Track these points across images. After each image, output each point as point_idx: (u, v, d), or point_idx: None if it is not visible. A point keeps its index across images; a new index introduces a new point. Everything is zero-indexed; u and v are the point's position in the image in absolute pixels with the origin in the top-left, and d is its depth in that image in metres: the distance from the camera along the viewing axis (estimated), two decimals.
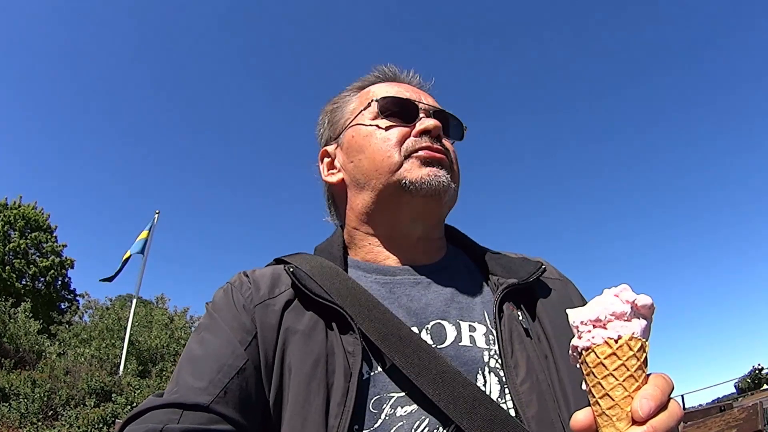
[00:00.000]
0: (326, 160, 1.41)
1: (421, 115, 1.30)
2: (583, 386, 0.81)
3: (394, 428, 1.01)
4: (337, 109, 1.42)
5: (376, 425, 1.01)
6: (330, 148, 1.40)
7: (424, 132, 1.26)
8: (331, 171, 1.39)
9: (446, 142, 1.31)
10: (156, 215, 18.82)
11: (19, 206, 32.84)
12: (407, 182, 1.22)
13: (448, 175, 1.25)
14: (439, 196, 1.23)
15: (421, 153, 1.24)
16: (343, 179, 1.35)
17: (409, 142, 1.25)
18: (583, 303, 1.28)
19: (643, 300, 0.78)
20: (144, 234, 18.28)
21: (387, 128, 1.28)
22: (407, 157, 1.24)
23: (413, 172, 1.22)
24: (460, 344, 1.12)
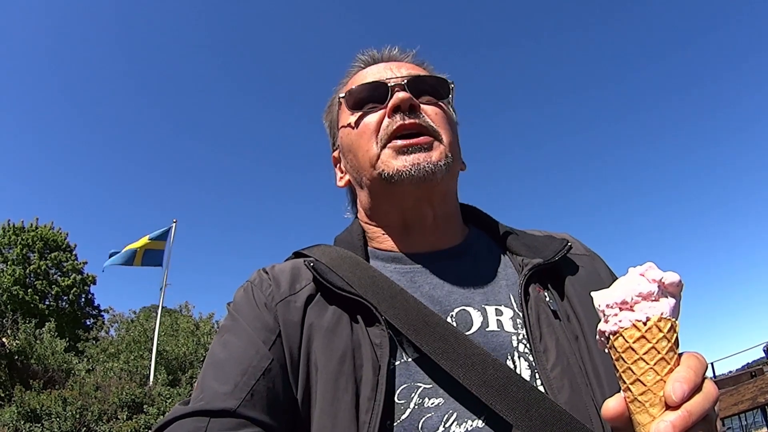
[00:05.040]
0: (338, 165, 1.41)
1: (395, 90, 1.24)
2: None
3: (424, 419, 0.99)
4: (329, 112, 1.43)
5: (404, 416, 1.00)
6: (336, 153, 1.41)
7: (395, 109, 1.21)
8: (340, 175, 1.40)
9: (429, 107, 1.26)
10: (174, 224, 18.86)
11: (36, 228, 33.12)
12: (386, 174, 1.19)
13: (431, 155, 1.19)
14: (427, 180, 1.19)
15: (395, 142, 1.20)
16: (348, 181, 1.35)
17: (383, 129, 1.22)
18: (612, 277, 1.26)
19: (671, 278, 0.75)
20: (144, 240, 18.21)
21: (360, 121, 1.26)
22: (384, 146, 1.21)
23: (389, 164, 1.19)
24: (487, 329, 1.10)
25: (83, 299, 33.92)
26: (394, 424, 0.99)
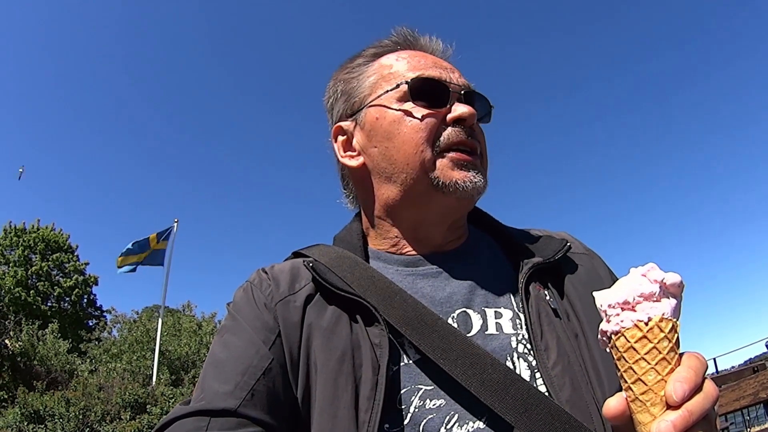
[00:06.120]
0: (341, 138, 1.31)
1: (453, 98, 1.21)
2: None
3: (425, 421, 0.99)
4: (353, 79, 1.31)
5: (406, 420, 1.00)
6: (346, 125, 1.30)
7: (457, 120, 1.19)
8: (348, 153, 1.30)
9: (477, 128, 1.24)
10: (175, 224, 18.85)
11: (38, 229, 33.18)
12: (440, 183, 1.16)
13: (482, 177, 1.19)
14: (469, 198, 1.19)
15: (454, 154, 1.17)
16: (364, 164, 1.27)
17: (444, 136, 1.18)
18: (611, 275, 1.27)
19: (672, 278, 0.76)
20: (153, 239, 18.20)
21: (417, 115, 1.18)
22: (440, 154, 1.17)
23: (446, 173, 1.16)
24: (486, 333, 1.10)
25: (85, 300, 34.02)
26: (396, 428, 0.99)
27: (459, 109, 1.19)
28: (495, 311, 1.14)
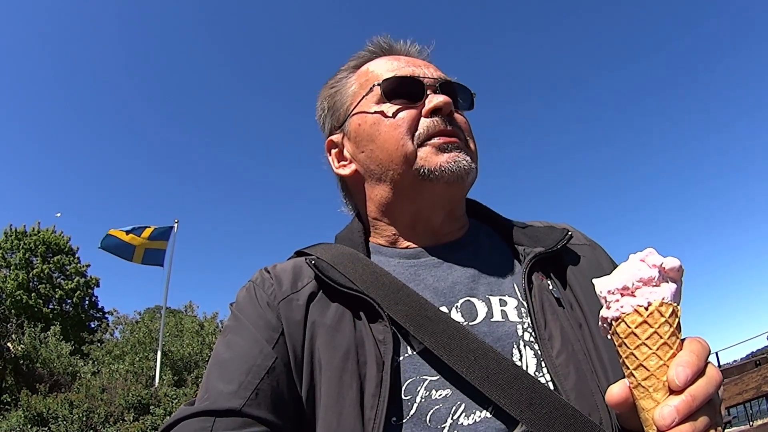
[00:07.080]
0: (334, 150, 1.36)
1: (428, 91, 1.24)
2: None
3: (432, 411, 0.99)
4: (336, 93, 1.36)
5: (412, 411, 0.99)
6: (336, 138, 1.35)
7: (434, 111, 1.21)
8: (341, 162, 1.34)
9: (458, 116, 1.26)
10: (175, 224, 18.79)
11: (39, 232, 33.19)
12: (426, 170, 1.18)
13: (468, 157, 1.21)
14: (461, 180, 1.20)
15: (435, 140, 1.19)
16: (356, 170, 1.30)
17: (422, 127, 1.21)
18: (613, 266, 1.26)
19: (671, 263, 0.76)
20: (145, 234, 18.13)
21: (394, 113, 1.22)
22: (421, 144, 1.20)
23: (429, 159, 1.18)
24: (491, 320, 1.10)
25: (87, 302, 34.03)
26: (403, 421, 0.99)
27: (434, 100, 1.22)
28: (500, 299, 1.15)
